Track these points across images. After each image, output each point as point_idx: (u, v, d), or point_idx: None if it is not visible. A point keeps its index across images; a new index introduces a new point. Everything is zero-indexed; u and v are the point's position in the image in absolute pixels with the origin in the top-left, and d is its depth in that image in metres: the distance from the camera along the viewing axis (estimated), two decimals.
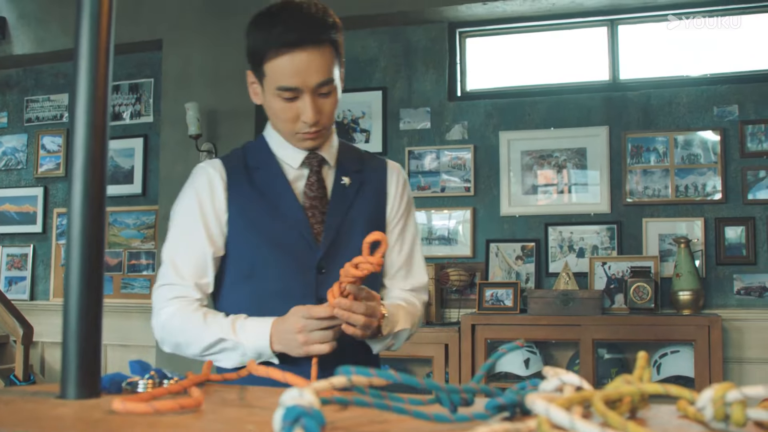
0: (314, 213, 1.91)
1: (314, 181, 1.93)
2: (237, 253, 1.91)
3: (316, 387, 0.74)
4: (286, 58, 1.78)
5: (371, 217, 1.97)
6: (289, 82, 1.79)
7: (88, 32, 1.04)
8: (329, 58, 1.81)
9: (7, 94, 6.62)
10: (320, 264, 1.87)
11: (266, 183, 1.93)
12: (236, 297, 1.91)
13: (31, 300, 6.29)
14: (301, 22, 1.78)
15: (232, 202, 1.91)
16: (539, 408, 0.67)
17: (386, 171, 2.06)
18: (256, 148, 2.00)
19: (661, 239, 4.85)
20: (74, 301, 1.01)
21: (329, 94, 1.84)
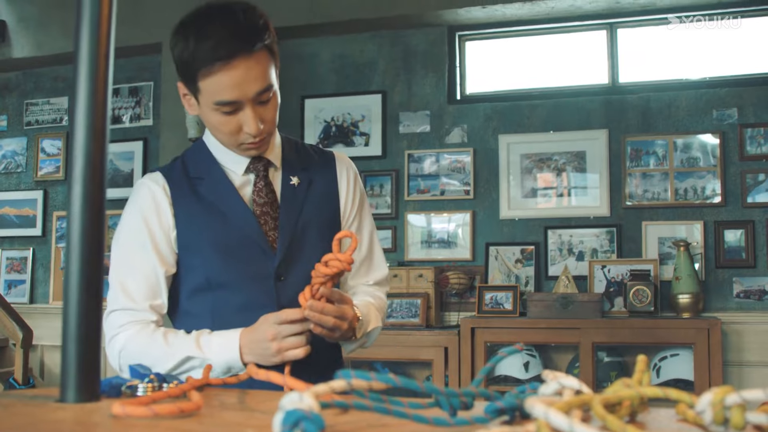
0: (266, 219, 1.84)
1: (262, 187, 1.86)
2: (191, 269, 1.83)
3: (316, 391, 0.74)
4: (221, 73, 1.67)
5: (324, 215, 1.92)
6: (228, 96, 1.70)
7: (88, 36, 1.04)
8: (265, 64, 1.72)
9: (7, 97, 6.62)
10: (278, 271, 1.82)
11: (212, 193, 1.85)
12: (195, 312, 1.84)
13: (30, 303, 6.29)
14: (231, 33, 1.66)
15: (179, 217, 1.83)
16: (538, 412, 0.67)
17: (335, 165, 1.99)
18: (197, 157, 1.91)
19: (660, 242, 4.85)
20: (74, 305, 1.01)
21: (269, 100, 1.76)
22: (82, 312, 1.00)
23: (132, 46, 5.63)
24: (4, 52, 6.21)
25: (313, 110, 5.55)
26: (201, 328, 1.79)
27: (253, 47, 1.68)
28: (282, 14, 5.35)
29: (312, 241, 1.85)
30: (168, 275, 1.83)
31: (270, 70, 1.74)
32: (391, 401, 0.85)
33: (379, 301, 1.99)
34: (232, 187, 1.85)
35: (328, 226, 1.90)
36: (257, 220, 1.83)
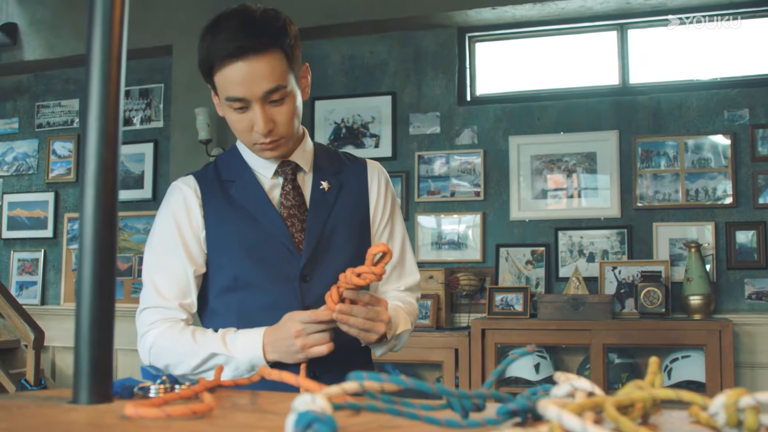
0: (293, 222, 1.87)
1: (290, 190, 1.90)
2: (219, 268, 1.88)
3: (328, 392, 0.74)
4: (229, 68, 1.73)
5: (353, 220, 1.94)
6: (236, 92, 1.75)
7: (101, 39, 1.04)
8: (276, 64, 1.74)
9: (18, 99, 6.65)
10: (303, 272, 1.84)
11: (242, 195, 1.90)
12: (222, 311, 1.88)
13: (42, 305, 6.31)
14: (244, 31, 1.72)
15: (209, 218, 1.88)
16: (551, 414, 0.67)
17: (366, 171, 2.02)
18: (229, 161, 1.96)
19: (671, 244, 4.83)
20: (86, 307, 1.01)
21: (282, 101, 1.78)
22: (94, 314, 1.01)
23: (142, 48, 5.65)
24: (15, 55, 6.24)
25: (323, 112, 5.56)
26: (227, 326, 1.82)
27: (262, 44, 1.71)
28: (292, 16, 5.34)
29: (339, 244, 1.88)
30: (198, 275, 1.88)
31: (282, 71, 1.75)
32: (403, 403, 0.85)
33: (409, 306, 2.00)
34: (261, 190, 1.90)
35: (357, 230, 1.94)
36: (284, 222, 1.86)
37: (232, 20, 1.75)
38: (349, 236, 1.91)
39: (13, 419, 0.88)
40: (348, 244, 1.89)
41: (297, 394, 0.81)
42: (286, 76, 1.77)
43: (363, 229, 1.96)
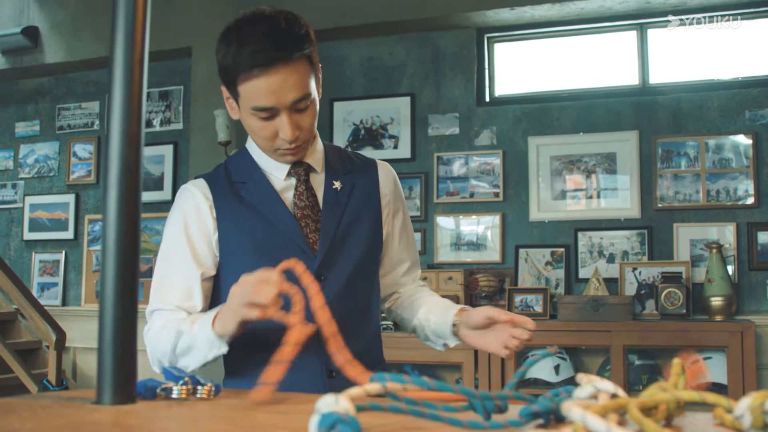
0: (307, 222, 1.87)
1: (303, 191, 1.90)
2: (232, 271, 1.83)
3: (352, 394, 0.74)
4: (259, 79, 1.71)
5: (365, 219, 1.95)
6: (265, 102, 1.74)
7: (123, 42, 1.05)
8: (303, 72, 1.74)
9: (40, 102, 6.70)
10: (318, 272, 1.83)
11: (254, 196, 1.89)
12: None
13: (63, 306, 6.36)
14: (271, 40, 1.70)
15: (221, 220, 1.87)
16: (575, 415, 0.67)
17: (377, 171, 2.03)
18: (240, 162, 1.96)
19: (692, 244, 4.80)
20: (110, 308, 1.02)
21: (306, 108, 1.79)
22: (118, 315, 1.01)
23: (162, 51, 5.67)
24: (36, 58, 6.28)
25: (342, 113, 5.56)
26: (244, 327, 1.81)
27: (292, 55, 1.70)
28: (310, 17, 5.34)
29: (352, 243, 1.90)
30: (206, 277, 1.87)
31: (308, 78, 1.76)
32: (425, 404, 0.85)
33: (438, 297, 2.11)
34: (273, 191, 1.89)
35: (369, 229, 1.95)
36: (298, 223, 1.86)
37: (258, 28, 1.72)
38: (361, 235, 1.92)
39: (39, 419, 0.89)
40: (361, 244, 1.91)
41: (318, 396, 0.81)
42: (311, 82, 1.78)
43: (375, 229, 1.97)
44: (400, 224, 2.08)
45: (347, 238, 1.89)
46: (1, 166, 6.77)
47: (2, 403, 0.97)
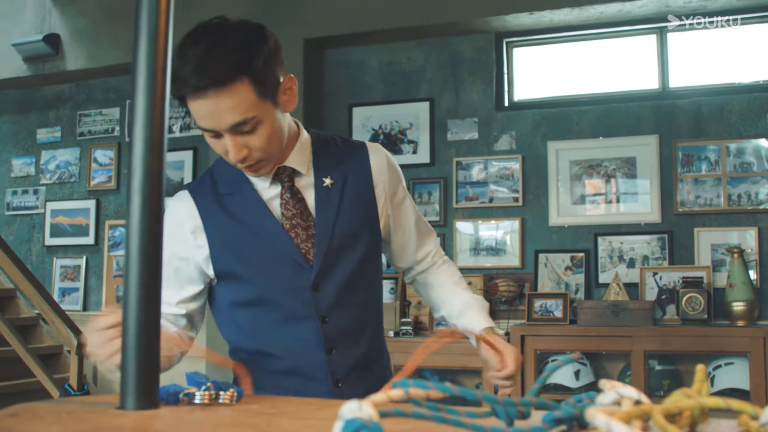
0: (297, 232, 1.80)
1: (288, 198, 1.82)
2: (229, 285, 1.84)
3: (375, 400, 0.74)
4: (194, 102, 1.63)
5: (360, 212, 1.88)
6: (203, 123, 1.67)
7: (146, 49, 1.06)
8: (242, 96, 1.61)
9: (61, 108, 6.75)
10: (315, 282, 1.80)
11: (242, 210, 1.82)
12: (240, 324, 1.87)
13: (83, 311, 6.39)
14: (204, 64, 1.59)
15: (211, 235, 1.81)
16: (600, 422, 0.66)
17: (368, 156, 1.93)
18: (225, 172, 1.86)
19: (713, 249, 4.77)
20: (133, 314, 1.02)
21: (253, 130, 1.67)
22: (141, 321, 1.02)
23: None
24: (58, 65, 6.33)
25: (361, 118, 5.57)
26: (245, 338, 1.85)
27: (224, 82, 1.60)
28: (329, 23, 5.38)
29: (349, 246, 1.84)
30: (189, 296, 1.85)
31: (250, 102, 1.64)
32: (447, 410, 0.85)
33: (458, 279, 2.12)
34: (260, 203, 1.82)
35: (366, 222, 1.89)
36: (288, 234, 1.80)
37: (196, 47, 1.61)
38: (357, 232, 1.86)
39: (63, 424, 0.89)
40: (358, 242, 1.86)
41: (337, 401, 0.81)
42: (255, 104, 1.65)
43: (371, 218, 1.91)
44: (399, 206, 2.00)
45: (343, 241, 1.83)
46: (23, 173, 6.83)
47: (27, 408, 0.98)
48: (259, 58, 1.65)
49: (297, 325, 1.79)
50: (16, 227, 6.81)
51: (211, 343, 5.46)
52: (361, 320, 1.88)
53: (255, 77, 1.63)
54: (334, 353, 1.81)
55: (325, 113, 5.62)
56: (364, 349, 1.86)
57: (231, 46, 1.62)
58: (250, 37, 1.67)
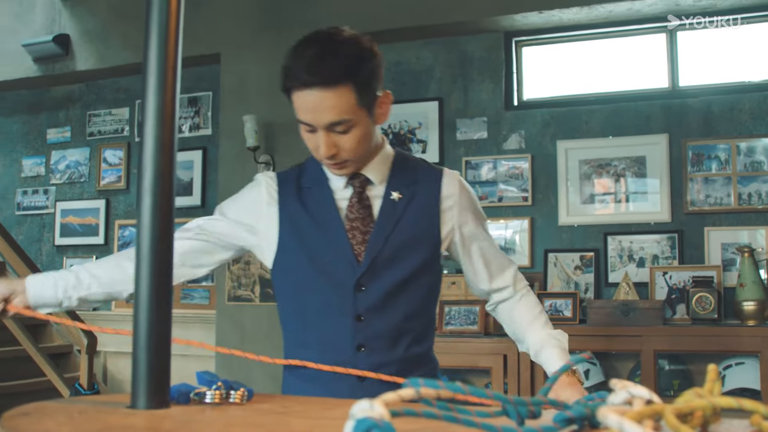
0: (354, 234, 1.94)
1: (355, 202, 1.96)
2: (285, 272, 2.00)
3: (386, 399, 0.74)
4: (300, 94, 1.81)
5: (420, 231, 1.98)
6: (303, 117, 1.84)
7: (157, 49, 1.06)
8: (345, 99, 1.80)
9: (71, 108, 6.78)
10: (359, 282, 1.91)
11: (315, 203, 1.98)
12: (289, 310, 2.03)
13: (93, 310, 6.41)
14: (315, 64, 1.78)
15: (283, 222, 1.98)
16: (612, 422, 0.66)
17: (441, 181, 2.04)
18: (312, 167, 2.04)
19: (723, 248, 4.76)
20: (144, 313, 1.02)
21: (347, 131, 1.84)
22: (152, 320, 1.02)
23: (191, 57, 5.71)
24: (67, 65, 6.35)
25: None
26: (290, 325, 2.01)
27: (330, 82, 1.77)
28: (337, 23, 5.36)
29: (400, 256, 1.94)
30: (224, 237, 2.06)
31: (350, 105, 1.81)
32: (458, 410, 0.85)
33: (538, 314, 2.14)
34: (331, 200, 1.98)
35: (424, 240, 1.99)
36: (346, 234, 1.94)
37: (311, 48, 1.81)
38: (412, 247, 1.96)
39: (75, 423, 0.90)
40: (411, 255, 1.95)
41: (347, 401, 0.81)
42: (353, 109, 1.82)
43: (430, 237, 2.00)
44: (469, 236, 2.08)
45: (395, 251, 1.94)
46: (33, 173, 6.86)
47: (39, 407, 0.98)
48: (365, 69, 1.84)
49: (333, 318, 1.91)
50: (27, 227, 6.84)
51: (220, 338, 5.47)
52: (400, 327, 1.95)
53: (358, 85, 1.81)
54: (362, 351, 1.90)
55: None
56: (399, 356, 1.94)
57: (342, 53, 1.81)
58: (360, 50, 1.86)
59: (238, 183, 5.55)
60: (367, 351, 1.90)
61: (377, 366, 1.84)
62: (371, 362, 1.86)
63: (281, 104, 5.93)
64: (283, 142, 5.40)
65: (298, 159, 2.16)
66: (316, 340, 1.95)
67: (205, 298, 6.02)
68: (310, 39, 1.84)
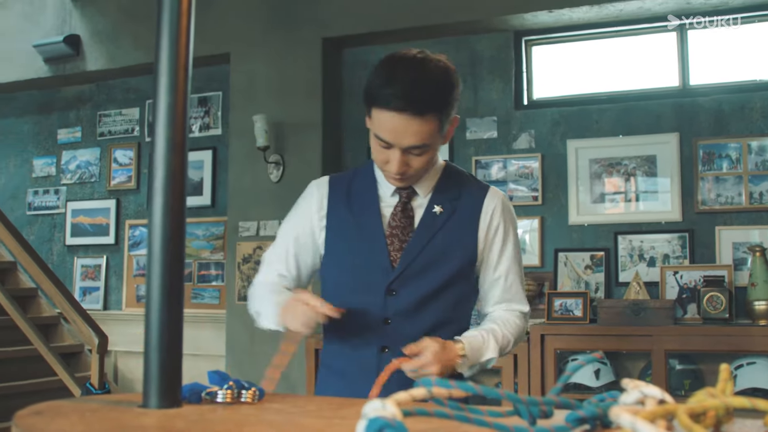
0: (393, 241, 2.03)
1: (398, 211, 2.06)
2: (328, 269, 2.12)
3: (398, 398, 0.74)
4: (386, 115, 1.87)
5: (456, 244, 2.04)
6: (384, 135, 1.90)
7: (168, 49, 1.06)
8: (429, 127, 1.88)
9: (81, 109, 6.80)
10: (391, 287, 2.00)
11: (361, 207, 2.08)
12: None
13: (104, 309, 6.43)
14: (411, 91, 1.84)
15: (330, 221, 2.10)
16: (625, 421, 0.66)
17: (484, 199, 2.10)
18: (365, 173, 2.14)
19: (735, 247, 4.74)
20: (156, 313, 1.03)
21: (421, 154, 1.93)
22: (163, 320, 1.02)
23: (200, 57, 5.72)
24: (78, 66, 6.37)
25: None
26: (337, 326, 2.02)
27: (422, 112, 1.85)
28: (347, 22, 5.38)
29: (434, 266, 2.01)
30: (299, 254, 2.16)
31: (432, 133, 1.90)
32: (470, 409, 0.85)
33: (506, 326, 2.10)
34: (377, 206, 2.08)
35: (459, 254, 2.04)
36: (385, 240, 2.03)
37: (408, 74, 1.87)
38: (447, 258, 2.02)
39: (88, 423, 0.90)
40: (444, 266, 2.01)
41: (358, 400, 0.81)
42: (434, 136, 1.91)
43: (465, 253, 2.05)
44: (496, 255, 2.10)
45: (430, 261, 2.01)
46: (44, 173, 6.88)
47: (52, 406, 0.98)
48: (451, 99, 1.93)
49: (363, 319, 1.99)
50: (38, 227, 6.87)
51: (230, 338, 5.48)
52: (428, 333, 1.96)
53: (443, 115, 1.91)
54: (386, 352, 1.98)
55: (342, 113, 5.63)
56: None
57: (434, 83, 1.89)
58: (448, 79, 1.93)
59: (248, 183, 5.58)
60: (390, 353, 1.96)
61: None
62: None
63: (291, 104, 5.95)
64: (293, 141, 5.41)
65: (308, 158, 2.23)
66: (345, 337, 2.05)
67: (215, 298, 6.03)
68: (401, 61, 1.91)
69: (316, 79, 5.45)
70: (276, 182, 5.42)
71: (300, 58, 5.48)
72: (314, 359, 4.76)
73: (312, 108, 5.42)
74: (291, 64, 5.49)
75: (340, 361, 2.07)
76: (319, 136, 5.34)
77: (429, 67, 1.90)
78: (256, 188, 5.49)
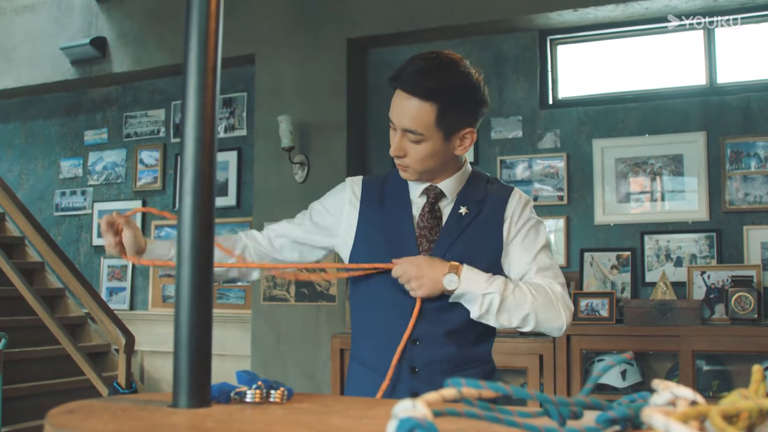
0: (422, 241, 2.10)
1: (426, 212, 2.13)
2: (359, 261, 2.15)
3: (428, 399, 0.74)
4: (396, 93, 2.03)
5: (482, 243, 2.10)
6: (390, 114, 2.05)
7: (197, 50, 1.07)
8: (424, 114, 1.97)
9: (107, 110, 6.85)
10: None
11: (392, 208, 2.16)
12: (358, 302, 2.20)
13: (130, 310, 6.48)
14: (413, 75, 1.98)
15: (361, 221, 2.17)
16: (658, 423, 0.65)
17: (508, 199, 2.16)
18: (396, 176, 2.19)
19: (763, 247, 4.69)
20: (185, 313, 1.03)
21: (418, 143, 2.02)
22: (193, 319, 1.03)
23: (226, 58, 5.75)
24: (104, 68, 6.43)
25: None
26: (357, 312, 2.20)
27: (418, 94, 1.97)
28: (372, 23, 5.39)
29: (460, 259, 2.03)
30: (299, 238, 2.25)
31: (427, 122, 1.98)
32: (500, 410, 0.84)
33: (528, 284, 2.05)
34: (408, 207, 2.16)
35: (485, 252, 2.10)
36: (416, 240, 2.10)
37: (421, 62, 2.01)
38: (473, 257, 2.06)
39: (119, 421, 0.91)
40: (471, 264, 2.03)
41: (385, 401, 0.81)
42: (429, 126, 1.99)
43: (490, 252, 2.10)
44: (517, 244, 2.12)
45: (459, 258, 2.04)
46: (71, 174, 6.94)
47: (84, 405, 0.99)
48: (455, 97, 2.00)
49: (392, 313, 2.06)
50: (65, 227, 6.93)
51: (256, 338, 5.50)
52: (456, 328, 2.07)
53: (441, 108, 1.98)
54: (417, 345, 2.05)
55: (368, 113, 5.64)
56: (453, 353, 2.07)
57: (441, 76, 2.00)
58: (460, 80, 2.03)
59: (273, 183, 5.60)
60: (421, 346, 2.04)
61: (430, 361, 2.04)
62: (424, 357, 2.04)
63: (316, 104, 5.97)
64: (318, 142, 5.42)
65: (333, 159, 2.26)
66: (375, 331, 2.12)
67: (240, 298, 6.06)
68: (430, 53, 2.05)
69: (341, 80, 5.46)
70: (301, 183, 5.43)
71: (325, 58, 5.49)
72: (339, 359, 4.77)
73: (337, 108, 5.43)
74: (316, 64, 5.50)
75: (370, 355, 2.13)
76: (344, 136, 5.35)
77: (446, 62, 2.02)
78: (281, 189, 5.51)
